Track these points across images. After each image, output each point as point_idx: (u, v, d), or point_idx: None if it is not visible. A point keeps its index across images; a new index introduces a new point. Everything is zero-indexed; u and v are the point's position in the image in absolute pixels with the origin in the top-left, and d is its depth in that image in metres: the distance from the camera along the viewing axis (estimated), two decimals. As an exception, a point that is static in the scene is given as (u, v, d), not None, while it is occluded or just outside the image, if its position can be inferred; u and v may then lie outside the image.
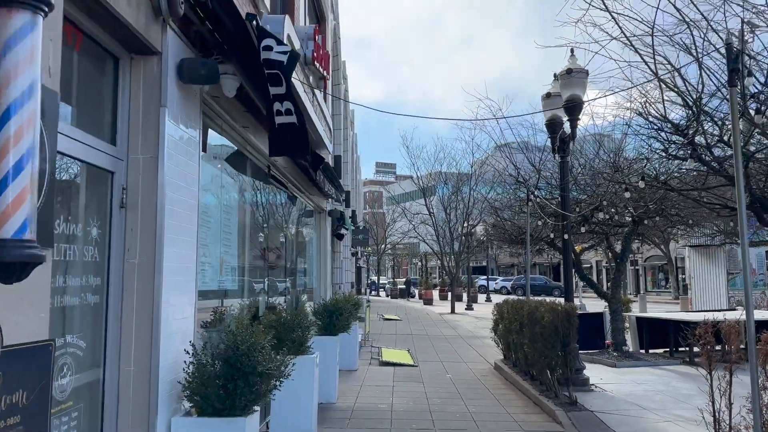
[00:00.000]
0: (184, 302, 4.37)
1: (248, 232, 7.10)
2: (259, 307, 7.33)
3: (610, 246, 13.13)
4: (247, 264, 7.04)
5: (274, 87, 4.53)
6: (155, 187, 3.97)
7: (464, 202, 32.34)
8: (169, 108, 4.08)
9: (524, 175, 12.87)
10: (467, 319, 27.64)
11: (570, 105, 9.88)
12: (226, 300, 6.03)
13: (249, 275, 7.19)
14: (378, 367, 13.21)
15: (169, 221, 4.05)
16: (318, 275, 12.71)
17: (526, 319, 9.40)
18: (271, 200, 8.56)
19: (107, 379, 3.81)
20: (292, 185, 9.50)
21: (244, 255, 6.88)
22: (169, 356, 4.04)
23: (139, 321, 3.90)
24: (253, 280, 7.41)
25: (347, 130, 24.49)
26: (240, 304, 6.64)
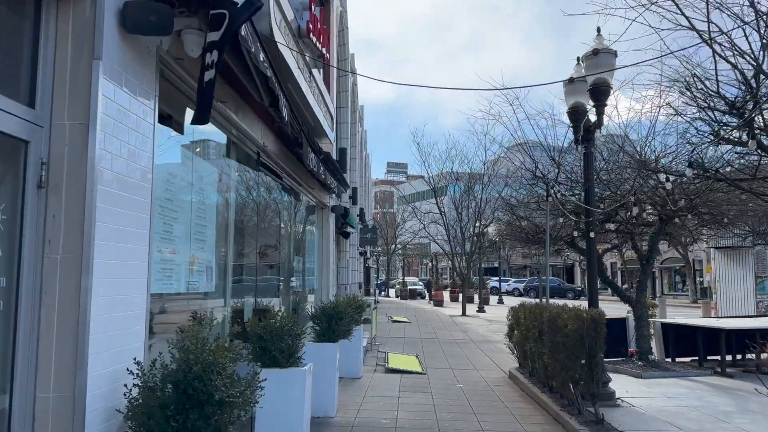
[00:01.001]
0: (129, 308, 3.49)
1: (232, 227, 6.23)
2: (245, 311, 6.45)
3: (636, 246, 12.14)
4: (231, 263, 6.17)
5: (212, 32, 3.53)
6: (84, 162, 3.09)
7: (476, 201, 31.33)
8: (105, 62, 3.20)
9: (542, 169, 11.92)
10: (479, 322, 26.66)
11: (596, 89, 8.92)
12: (200, 303, 5.17)
13: (233, 275, 6.33)
14: (384, 374, 12.30)
15: (104, 206, 3.18)
16: (320, 275, 11.83)
17: (547, 326, 8.46)
18: (262, 192, 7.69)
19: (15, 409, 2.94)
20: (289, 176, 8.63)
21: (226, 252, 6.02)
22: (103, 378, 3.17)
23: (61, 333, 3.03)
24: (238, 282, 6.54)
25: (355, 125, 23.63)
26: (218, 309, 5.77)
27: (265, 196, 7.93)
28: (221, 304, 5.88)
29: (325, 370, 8.37)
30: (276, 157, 7.41)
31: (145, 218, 3.69)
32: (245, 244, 6.88)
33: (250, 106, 5.93)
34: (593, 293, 9.15)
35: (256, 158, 6.81)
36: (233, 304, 6.34)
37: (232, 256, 6.17)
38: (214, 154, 5.79)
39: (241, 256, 6.78)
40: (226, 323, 6.04)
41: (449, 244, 32.79)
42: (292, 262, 9.49)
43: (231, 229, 6.21)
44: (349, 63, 18.64)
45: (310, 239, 11.24)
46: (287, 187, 9.11)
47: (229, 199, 6.17)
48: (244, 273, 6.82)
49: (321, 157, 9.07)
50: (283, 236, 9.31)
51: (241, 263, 6.75)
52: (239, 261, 6.70)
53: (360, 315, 12.07)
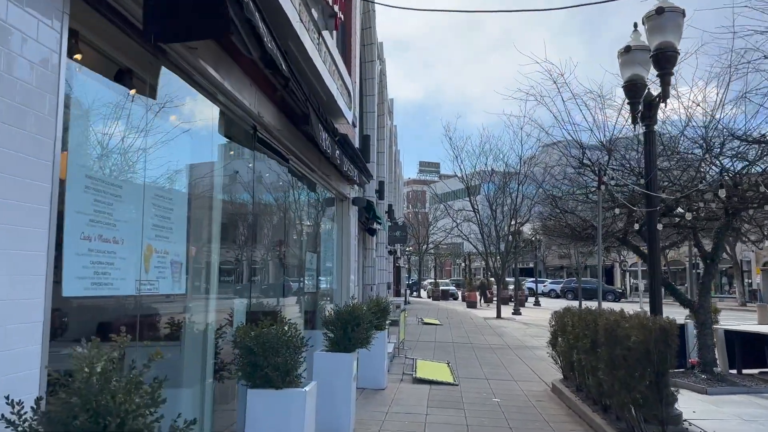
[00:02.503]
0: (10, 320, 2.34)
1: (218, 215, 5.08)
2: (235, 317, 5.29)
3: (699, 243, 10.64)
4: (217, 258, 5.02)
5: None
6: None
7: (512, 198, 29.79)
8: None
9: (590, 156, 10.53)
10: (515, 326, 25.17)
11: (661, 54, 7.52)
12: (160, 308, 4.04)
13: (222, 274, 5.19)
14: (411, 385, 11.06)
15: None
16: (339, 275, 10.65)
17: (603, 336, 7.10)
18: (265, 176, 6.54)
19: None
20: (297, 160, 7.46)
21: (208, 245, 4.88)
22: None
23: None
24: (229, 281, 5.40)
25: (384, 117, 22.45)
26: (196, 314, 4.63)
27: (269, 181, 6.77)
28: (200, 308, 4.74)
29: (338, 385, 7.19)
30: (279, 134, 6.25)
31: (45, 189, 2.55)
32: (239, 237, 5.72)
33: (237, 63, 4.77)
34: (656, 297, 7.74)
35: (252, 133, 5.66)
36: (220, 307, 5.19)
37: (218, 250, 5.02)
38: (180, 118, 4.64)
39: (232, 250, 5.64)
40: (208, 331, 4.89)
41: (483, 243, 31.32)
42: (303, 260, 8.32)
43: (216, 217, 5.06)
44: (375, 48, 17.45)
45: (327, 234, 10.06)
46: (297, 173, 7.95)
47: (213, 181, 5.02)
48: (237, 271, 5.67)
49: (337, 138, 7.88)
50: (293, 229, 8.15)
51: (233, 259, 5.61)
52: (230, 256, 5.56)
53: (384, 319, 10.85)
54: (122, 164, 3.44)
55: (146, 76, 3.97)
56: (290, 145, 6.74)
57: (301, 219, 8.58)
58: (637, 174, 10.24)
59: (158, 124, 4.07)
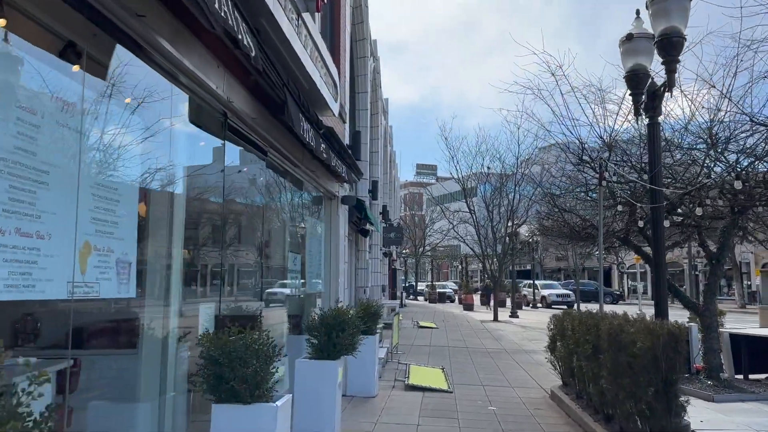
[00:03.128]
0: None
1: (181, 211, 4.58)
2: (202, 323, 4.78)
3: (704, 243, 10.17)
4: (179, 259, 4.52)
5: None
6: None
7: (508, 199, 29.31)
8: None
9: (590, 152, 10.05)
10: (512, 329, 24.68)
11: (666, 40, 7.05)
12: (100, 314, 3.55)
13: (185, 276, 4.69)
14: (403, 392, 10.56)
15: None
16: (327, 277, 10.14)
17: (606, 341, 6.60)
18: (237, 169, 6.03)
19: None
20: (278, 153, 6.96)
21: (168, 244, 4.38)
22: None
23: None
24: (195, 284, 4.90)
25: (377, 116, 21.99)
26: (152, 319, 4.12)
27: (245, 176, 6.27)
28: (159, 314, 4.23)
29: (322, 395, 6.70)
30: (255, 124, 5.76)
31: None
32: (208, 236, 5.22)
33: (199, 39, 4.27)
34: (662, 299, 7.25)
35: (222, 120, 5.16)
36: (185, 313, 4.69)
37: (181, 250, 4.52)
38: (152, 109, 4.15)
39: (200, 251, 5.14)
40: (169, 339, 4.38)
41: (480, 245, 30.83)
42: (287, 262, 7.81)
43: (179, 214, 4.56)
44: (368, 45, 16.98)
45: (314, 235, 9.56)
46: (279, 168, 7.45)
47: (175, 173, 4.52)
48: (207, 273, 5.17)
49: (322, 131, 7.39)
50: (275, 229, 7.65)
51: (202, 260, 5.10)
52: (198, 257, 5.06)
53: (375, 323, 10.35)
54: (51, 147, 2.94)
55: (90, 49, 3.48)
56: (269, 137, 6.24)
57: (284, 218, 8.08)
58: (639, 170, 9.77)
59: (105, 106, 3.58)
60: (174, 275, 4.40)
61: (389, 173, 31.81)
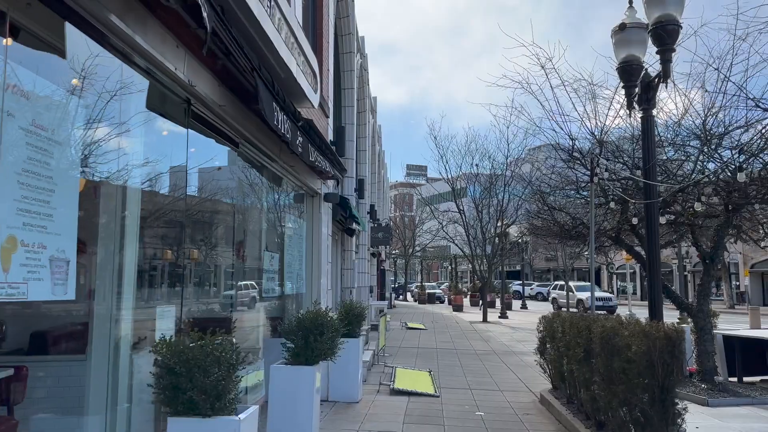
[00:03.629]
0: None
1: (131, 206, 4.17)
2: (159, 328, 4.36)
3: (697, 242, 9.86)
4: (134, 257, 4.11)
5: None
6: None
7: (498, 199, 29.01)
8: None
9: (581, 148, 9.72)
10: (501, 330, 24.36)
11: (661, 29, 6.72)
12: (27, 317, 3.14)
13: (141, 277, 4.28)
14: (388, 397, 10.18)
15: None
16: (309, 278, 9.74)
17: (598, 345, 6.24)
18: (204, 161, 5.62)
19: None
20: (251, 145, 6.55)
21: (119, 240, 3.97)
22: None
23: None
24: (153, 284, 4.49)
25: (365, 114, 21.58)
26: (99, 324, 3.71)
27: (213, 169, 5.86)
28: (108, 317, 3.82)
29: (299, 402, 6.30)
30: (224, 113, 5.35)
31: None
32: (170, 233, 4.81)
33: (153, 14, 3.86)
34: (656, 300, 6.91)
35: (184, 107, 4.75)
36: (142, 317, 4.28)
37: (135, 248, 4.11)
38: (100, 90, 3.73)
39: (161, 249, 4.73)
40: (121, 346, 3.97)
41: (469, 245, 30.49)
42: (263, 261, 7.40)
43: (133, 209, 4.15)
44: (354, 40, 16.58)
45: (295, 234, 9.16)
46: (254, 162, 7.05)
47: (129, 161, 4.11)
48: (169, 273, 4.76)
49: (300, 124, 6.99)
50: (250, 227, 7.24)
51: (161, 259, 4.69)
52: (158, 256, 4.66)
53: (358, 325, 9.97)
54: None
55: (23, 21, 3.08)
56: (240, 128, 5.84)
57: (261, 215, 7.67)
58: (631, 166, 9.45)
59: (41, 83, 3.17)
60: (127, 275, 4.00)
61: (378, 173, 31.43)
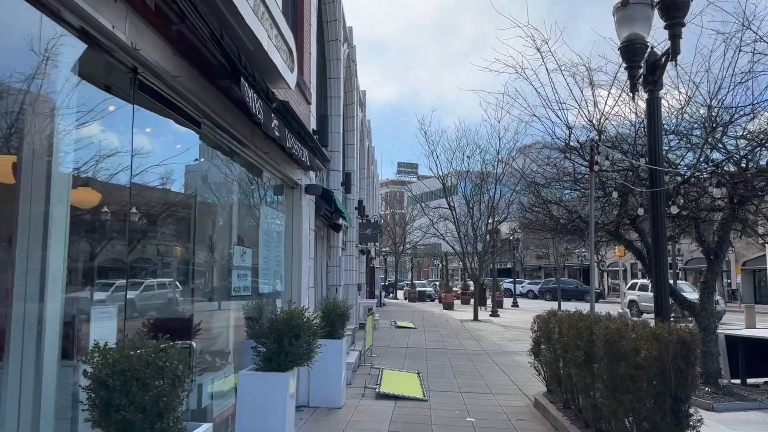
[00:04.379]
0: None
1: (61, 189, 3.52)
2: (95, 332, 3.72)
3: (701, 237, 9.32)
4: (61, 252, 3.46)
5: None
6: None
7: (489, 195, 28.44)
8: None
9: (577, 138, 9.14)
10: (492, 328, 23.82)
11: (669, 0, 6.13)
12: None
13: (69, 271, 3.63)
14: (373, 401, 9.57)
15: None
16: (288, 275, 9.09)
17: (602, 349, 5.64)
18: (157, 142, 4.96)
19: None
20: (216, 126, 5.90)
21: (41, 232, 3.32)
22: None
23: None
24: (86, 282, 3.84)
25: (353, 106, 20.93)
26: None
27: (168, 152, 5.20)
28: (23, 322, 3.18)
29: (270, 412, 5.68)
30: (181, 87, 4.70)
31: None
32: (107, 223, 4.15)
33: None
34: (663, 298, 6.32)
35: (130, 76, 4.10)
36: (73, 319, 3.63)
37: (63, 239, 3.45)
38: (15, 50, 3.08)
39: (102, 242, 4.08)
40: (44, 354, 3.32)
41: (460, 242, 29.91)
42: (232, 257, 6.75)
43: (61, 194, 3.49)
44: (340, 27, 15.93)
45: (272, 227, 8.51)
46: (222, 147, 6.39)
47: (55, 140, 3.45)
48: (108, 270, 4.11)
49: (274, 105, 6.34)
50: (214, 219, 6.58)
51: (100, 253, 4.04)
52: (97, 250, 4.01)
53: (341, 325, 9.35)
54: None
55: None
56: (201, 104, 5.19)
57: (231, 207, 7.01)
58: (634, 154, 8.86)
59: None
60: (52, 270, 3.36)
61: (367, 168, 30.77)
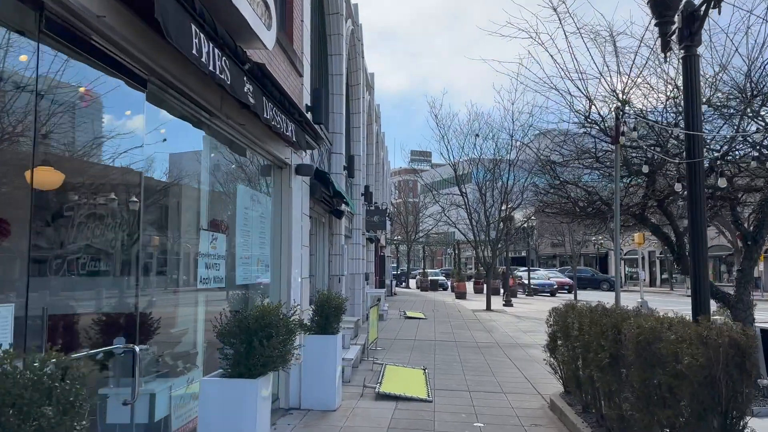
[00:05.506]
0: None
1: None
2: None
3: (737, 220, 8.31)
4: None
5: None
6: None
7: (502, 181, 27.37)
8: None
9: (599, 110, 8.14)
10: (505, 319, 22.87)
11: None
12: None
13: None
14: (372, 402, 8.71)
15: None
16: (276, 265, 8.22)
17: (632, 351, 4.69)
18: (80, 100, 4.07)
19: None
20: (171, 88, 5.00)
21: None
22: None
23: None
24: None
25: (359, 87, 19.97)
26: None
27: (95, 113, 4.31)
28: None
29: (238, 428, 4.82)
30: (112, 34, 3.81)
31: None
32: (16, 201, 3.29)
33: None
34: (701, 289, 5.34)
35: (35, 12, 3.22)
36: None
37: None
38: None
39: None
40: None
41: (472, 230, 28.89)
42: (198, 244, 5.87)
43: None
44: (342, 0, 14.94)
45: (253, 211, 7.62)
46: (186, 115, 5.51)
47: None
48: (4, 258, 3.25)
49: (246, 67, 5.44)
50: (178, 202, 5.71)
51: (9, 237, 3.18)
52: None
53: (337, 319, 8.47)
54: None
55: None
56: (147, 60, 4.30)
57: (196, 186, 6.13)
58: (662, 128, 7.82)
59: None
60: None
61: (376, 154, 29.78)
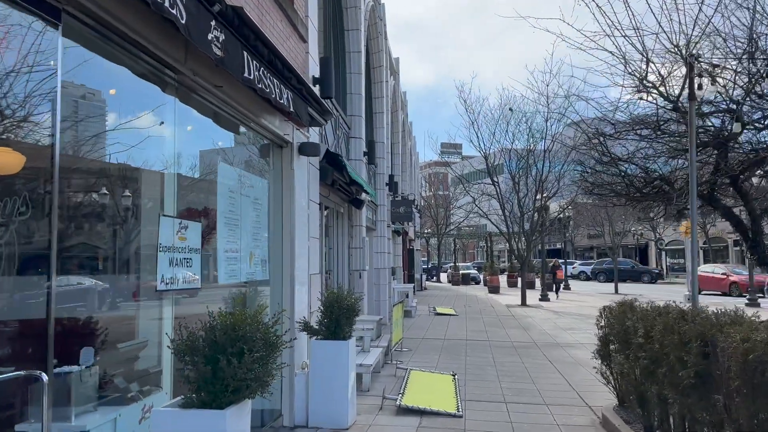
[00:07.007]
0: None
1: None
2: None
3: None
4: None
5: None
6: None
7: (537, 168, 25.79)
8: None
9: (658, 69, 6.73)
10: (543, 315, 21.39)
11: None
12: None
13: None
14: (391, 418, 7.51)
15: None
16: (274, 261, 7.05)
17: (738, 375, 3.35)
18: None
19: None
20: (105, 27, 3.84)
21: None
22: None
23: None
24: None
25: (381, 70, 18.72)
26: None
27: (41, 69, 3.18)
28: None
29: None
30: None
31: None
32: None
33: None
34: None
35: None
36: None
37: None
38: None
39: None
40: None
41: (505, 222, 27.40)
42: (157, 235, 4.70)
43: None
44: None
45: (243, 195, 6.44)
46: (135, 68, 4.36)
47: None
48: None
49: (217, 9, 4.26)
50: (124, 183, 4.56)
51: None
52: None
53: (348, 323, 7.25)
54: None
55: None
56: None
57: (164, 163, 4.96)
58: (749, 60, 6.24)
59: None
60: None
61: (402, 143, 28.48)
